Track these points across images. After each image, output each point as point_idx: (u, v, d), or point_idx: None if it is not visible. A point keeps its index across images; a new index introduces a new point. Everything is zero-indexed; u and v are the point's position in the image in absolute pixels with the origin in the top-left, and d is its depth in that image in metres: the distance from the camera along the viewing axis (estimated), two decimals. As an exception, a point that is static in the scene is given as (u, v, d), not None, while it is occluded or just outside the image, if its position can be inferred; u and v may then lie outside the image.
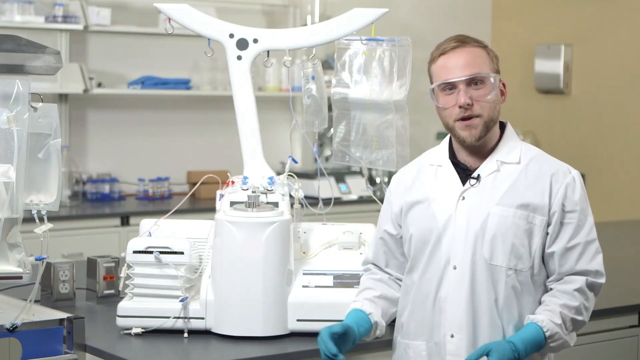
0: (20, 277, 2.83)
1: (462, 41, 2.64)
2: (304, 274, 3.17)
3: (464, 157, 2.69)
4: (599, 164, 7.17)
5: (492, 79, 2.62)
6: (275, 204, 3.15)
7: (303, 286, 3.13)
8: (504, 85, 2.67)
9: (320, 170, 3.56)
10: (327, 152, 6.74)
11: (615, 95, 7.11)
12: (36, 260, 2.84)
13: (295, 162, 3.30)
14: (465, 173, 2.67)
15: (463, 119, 2.60)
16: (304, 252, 3.25)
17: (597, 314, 3.46)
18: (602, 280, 2.65)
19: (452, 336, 2.62)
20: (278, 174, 3.28)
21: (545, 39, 7.48)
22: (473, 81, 2.60)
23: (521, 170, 2.64)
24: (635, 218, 6.56)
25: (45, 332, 2.90)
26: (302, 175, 3.87)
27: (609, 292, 3.78)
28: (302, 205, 3.30)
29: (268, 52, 3.28)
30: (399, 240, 2.78)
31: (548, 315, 2.57)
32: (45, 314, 3.03)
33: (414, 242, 2.69)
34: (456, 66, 2.60)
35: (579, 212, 2.63)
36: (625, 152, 7.06)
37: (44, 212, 2.88)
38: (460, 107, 2.60)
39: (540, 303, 2.64)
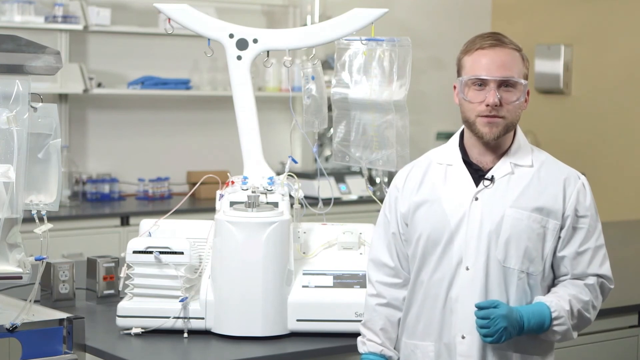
0: (20, 277, 2.82)
1: (501, 41, 2.63)
2: (304, 274, 3.17)
3: (476, 156, 2.67)
4: (599, 164, 7.17)
5: (522, 85, 2.62)
6: (275, 204, 3.15)
7: (303, 286, 3.13)
8: (528, 92, 2.67)
9: (320, 170, 3.56)
10: (327, 152, 6.74)
11: (615, 95, 7.11)
12: (36, 260, 2.84)
13: (295, 162, 3.30)
14: (477, 174, 2.66)
15: (487, 116, 2.60)
16: (304, 252, 3.25)
17: (597, 314, 3.47)
18: (612, 285, 2.68)
19: (463, 337, 2.61)
20: (278, 174, 3.28)
21: (545, 39, 7.47)
22: (504, 83, 2.60)
23: (534, 173, 2.64)
24: (635, 218, 6.56)
25: (45, 332, 2.90)
26: (302, 175, 3.87)
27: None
28: (302, 205, 3.30)
29: (268, 52, 3.29)
30: (404, 240, 2.76)
31: (557, 299, 2.58)
32: (45, 314, 3.03)
33: (422, 242, 2.66)
34: (492, 64, 2.60)
35: (590, 218, 2.64)
36: (625, 152, 7.06)
37: (44, 212, 2.88)
38: (487, 105, 2.59)
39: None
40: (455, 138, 2.73)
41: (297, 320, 3.09)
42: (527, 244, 2.59)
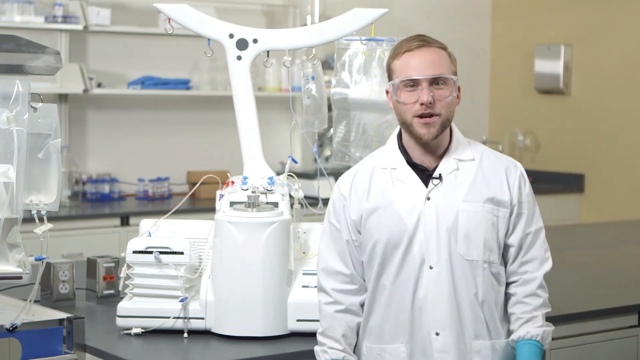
0: (20, 277, 2.82)
1: (427, 41, 2.68)
2: (304, 274, 3.17)
3: (419, 157, 2.70)
4: (599, 164, 7.17)
5: (453, 81, 2.66)
6: (275, 204, 3.15)
7: (303, 286, 3.13)
8: (459, 88, 2.70)
9: (320, 170, 3.56)
10: (327, 152, 6.74)
11: (615, 95, 7.11)
12: (36, 260, 2.84)
13: (295, 162, 3.30)
14: (424, 174, 2.69)
15: (422, 116, 2.63)
16: (304, 252, 3.25)
17: (597, 314, 3.48)
18: (551, 263, 2.74)
19: (437, 334, 2.64)
20: (278, 174, 3.28)
21: (545, 39, 7.48)
22: (435, 81, 2.64)
23: (477, 166, 2.70)
24: (635, 218, 6.56)
25: (45, 332, 2.90)
26: (302, 175, 3.86)
27: (609, 292, 3.79)
28: (302, 205, 3.30)
29: (268, 52, 3.29)
30: (357, 247, 2.75)
31: (531, 324, 2.67)
32: (45, 314, 3.03)
33: (380, 248, 2.67)
34: (421, 64, 2.64)
35: (529, 203, 2.72)
36: (625, 152, 7.06)
37: (43, 212, 2.88)
38: (421, 104, 2.62)
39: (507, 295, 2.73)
40: (393, 140, 2.76)
41: (297, 320, 3.09)
42: (485, 234, 2.65)
